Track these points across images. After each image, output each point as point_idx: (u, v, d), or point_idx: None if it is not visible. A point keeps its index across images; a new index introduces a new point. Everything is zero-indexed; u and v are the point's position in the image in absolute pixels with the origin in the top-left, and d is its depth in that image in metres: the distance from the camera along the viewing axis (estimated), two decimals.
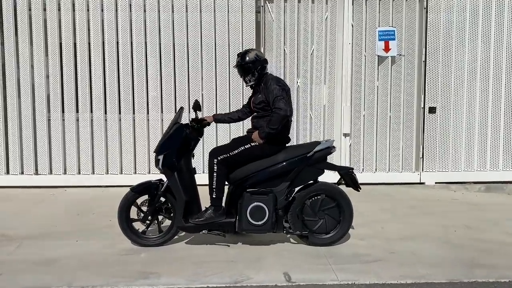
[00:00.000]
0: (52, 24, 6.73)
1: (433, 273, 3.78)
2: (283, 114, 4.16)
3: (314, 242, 4.35)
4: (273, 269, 3.84)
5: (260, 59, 4.37)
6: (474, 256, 4.14)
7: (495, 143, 7.10)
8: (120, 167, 6.92)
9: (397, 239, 4.59)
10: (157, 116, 6.90)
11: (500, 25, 6.99)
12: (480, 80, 7.05)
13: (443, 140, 7.07)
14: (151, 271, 3.78)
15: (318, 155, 4.30)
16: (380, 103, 7.06)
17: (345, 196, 4.35)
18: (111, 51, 6.80)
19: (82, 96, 6.83)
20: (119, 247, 4.31)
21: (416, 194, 6.56)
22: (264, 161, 4.28)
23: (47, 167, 6.84)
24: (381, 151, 7.09)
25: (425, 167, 7.08)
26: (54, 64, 6.78)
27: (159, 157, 4.25)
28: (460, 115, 7.07)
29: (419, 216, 5.44)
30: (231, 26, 6.88)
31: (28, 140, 6.81)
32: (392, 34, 6.91)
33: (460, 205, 5.97)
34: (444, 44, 6.98)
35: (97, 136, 6.88)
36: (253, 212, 4.24)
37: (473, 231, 4.87)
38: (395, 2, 6.98)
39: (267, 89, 4.23)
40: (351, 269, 3.85)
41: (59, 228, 4.91)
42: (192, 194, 4.33)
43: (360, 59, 7.01)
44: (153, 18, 6.80)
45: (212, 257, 4.09)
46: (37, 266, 3.90)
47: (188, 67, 6.89)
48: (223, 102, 6.92)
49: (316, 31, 6.97)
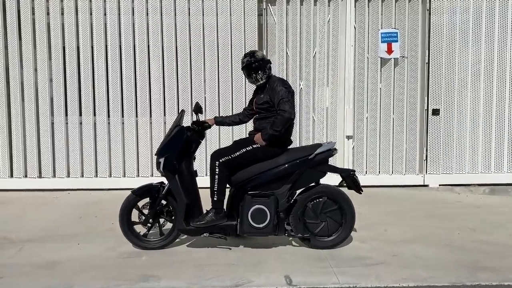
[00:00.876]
0: (55, 27, 6.77)
1: (435, 276, 3.74)
2: (287, 116, 4.15)
3: (316, 245, 4.33)
4: (274, 272, 3.82)
5: (267, 59, 4.42)
6: (478, 258, 4.11)
7: (500, 145, 7.06)
8: (123, 170, 6.93)
9: (400, 242, 4.56)
10: (160, 119, 6.91)
11: (504, 26, 6.95)
12: (484, 82, 7.01)
13: (447, 142, 7.03)
14: (152, 274, 3.78)
15: (319, 157, 4.28)
16: (383, 105, 7.04)
17: (347, 199, 4.33)
18: (114, 55, 6.83)
19: (85, 99, 6.86)
20: (120, 250, 4.31)
21: (420, 196, 6.52)
22: (266, 163, 4.26)
23: (51, 170, 6.87)
24: (384, 154, 7.06)
25: (429, 169, 7.04)
26: (57, 68, 6.81)
27: (160, 159, 4.25)
28: (464, 117, 7.03)
29: (422, 218, 5.40)
30: (234, 29, 6.88)
31: (31, 143, 6.84)
32: (394, 36, 6.89)
33: (464, 208, 5.93)
34: (447, 46, 6.95)
35: (100, 139, 6.90)
36: (255, 214, 4.23)
37: (477, 233, 4.83)
38: (397, 4, 6.96)
39: (273, 90, 4.23)
40: (353, 272, 3.83)
41: (61, 231, 4.91)
42: (193, 197, 4.32)
43: (363, 61, 6.99)
44: (156, 22, 6.82)
45: (213, 260, 4.08)
46: (38, 269, 3.90)
47: (190, 70, 6.90)
48: (226, 104, 6.92)
49: (319, 33, 6.96)
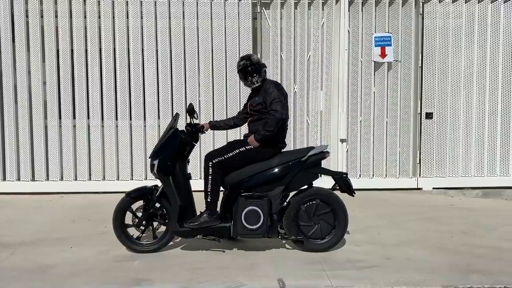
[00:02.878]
0: (49, 30, 6.76)
1: (428, 279, 3.75)
2: (279, 116, 4.19)
3: (309, 247, 4.33)
4: (267, 275, 3.82)
5: (262, 63, 4.49)
6: (470, 262, 4.12)
7: (492, 149, 7.10)
8: (117, 173, 6.91)
9: (393, 245, 4.57)
10: (154, 122, 6.90)
11: (496, 30, 7.01)
12: (477, 86, 7.06)
13: (440, 146, 7.07)
14: (144, 278, 3.76)
15: (312, 159, 4.30)
16: (377, 109, 7.07)
17: (340, 202, 4.34)
18: (108, 58, 6.82)
19: (79, 103, 6.84)
20: (113, 254, 4.29)
21: (413, 199, 6.55)
22: (259, 165, 4.27)
23: (44, 173, 6.84)
24: (378, 157, 7.09)
25: (422, 172, 7.08)
26: (51, 71, 6.80)
27: (154, 162, 4.24)
28: (457, 120, 7.07)
29: (416, 221, 5.41)
30: (228, 33, 6.90)
31: (25, 146, 6.82)
32: (388, 40, 6.93)
33: (457, 211, 5.96)
34: (440, 50, 7.00)
35: (94, 142, 6.89)
36: (248, 216, 4.23)
37: (469, 236, 4.85)
38: (391, 8, 7.01)
39: (266, 92, 4.29)
40: (346, 275, 3.83)
41: (54, 235, 4.89)
42: (187, 199, 4.32)
43: (357, 65, 7.02)
44: (150, 25, 6.83)
45: (206, 263, 4.07)
46: (30, 273, 3.87)
47: (185, 74, 6.91)
48: (220, 108, 6.92)
49: (313, 37, 6.99)
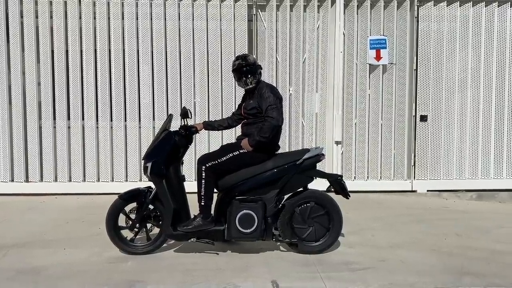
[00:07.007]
0: (44, 31, 6.74)
1: (422, 281, 3.76)
2: (275, 123, 4.17)
3: (303, 250, 4.33)
4: (261, 277, 3.82)
5: (258, 64, 4.42)
6: (464, 264, 4.13)
7: (487, 151, 7.12)
8: (111, 175, 6.89)
9: (387, 247, 4.58)
10: (149, 123, 6.88)
11: (490, 33, 7.04)
12: (471, 88, 7.09)
13: (435, 148, 7.09)
14: (138, 280, 3.75)
15: (307, 162, 4.30)
16: (372, 111, 7.08)
17: (335, 204, 4.34)
18: (103, 59, 6.81)
19: (73, 104, 6.82)
20: (106, 255, 4.27)
21: (408, 202, 6.56)
22: (253, 168, 4.26)
23: (38, 174, 6.81)
24: (373, 159, 7.10)
25: (416, 175, 7.09)
26: (46, 71, 6.77)
27: (148, 164, 4.23)
28: (451, 123, 7.09)
29: (410, 224, 5.43)
30: (224, 34, 6.90)
31: (18, 147, 6.78)
32: (383, 42, 6.95)
33: (451, 213, 5.98)
34: (435, 53, 7.02)
35: (89, 143, 6.86)
36: (242, 219, 4.22)
37: (463, 239, 4.87)
38: (386, 11, 7.03)
39: (261, 96, 4.23)
40: (340, 277, 3.84)
41: (47, 236, 4.86)
42: (181, 201, 4.31)
43: (352, 68, 7.04)
44: (146, 26, 6.81)
45: (200, 266, 4.06)
46: (22, 275, 3.85)
47: (180, 75, 6.90)
48: (216, 109, 6.92)
49: (308, 39, 7.00)
